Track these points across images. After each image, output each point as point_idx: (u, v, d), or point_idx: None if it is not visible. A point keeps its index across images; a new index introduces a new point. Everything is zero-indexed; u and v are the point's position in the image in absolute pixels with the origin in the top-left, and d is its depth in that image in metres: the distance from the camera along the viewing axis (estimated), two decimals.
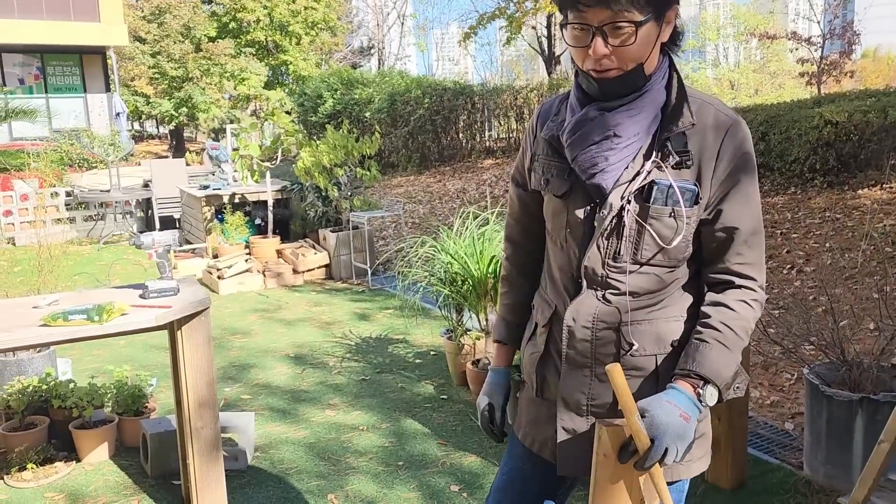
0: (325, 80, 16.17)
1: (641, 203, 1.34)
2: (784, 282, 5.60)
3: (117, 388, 3.49)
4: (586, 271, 1.40)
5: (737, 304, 1.37)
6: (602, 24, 1.25)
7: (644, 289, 1.39)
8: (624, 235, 1.35)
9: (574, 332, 1.42)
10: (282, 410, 3.93)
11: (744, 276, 1.38)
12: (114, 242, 9.60)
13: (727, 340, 1.34)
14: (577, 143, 1.36)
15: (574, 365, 1.44)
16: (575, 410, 1.45)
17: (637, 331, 1.40)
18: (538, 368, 1.52)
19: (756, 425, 3.52)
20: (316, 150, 7.19)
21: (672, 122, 1.34)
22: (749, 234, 1.37)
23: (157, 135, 28.14)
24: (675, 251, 1.37)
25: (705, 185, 1.34)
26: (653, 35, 1.29)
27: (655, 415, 1.27)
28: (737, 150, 1.34)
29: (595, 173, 1.35)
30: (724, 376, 1.33)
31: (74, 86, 16.48)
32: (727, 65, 37.69)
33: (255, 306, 6.20)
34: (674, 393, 1.31)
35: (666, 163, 1.33)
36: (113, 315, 2.25)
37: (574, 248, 1.42)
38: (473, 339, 4.13)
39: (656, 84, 1.35)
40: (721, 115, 1.36)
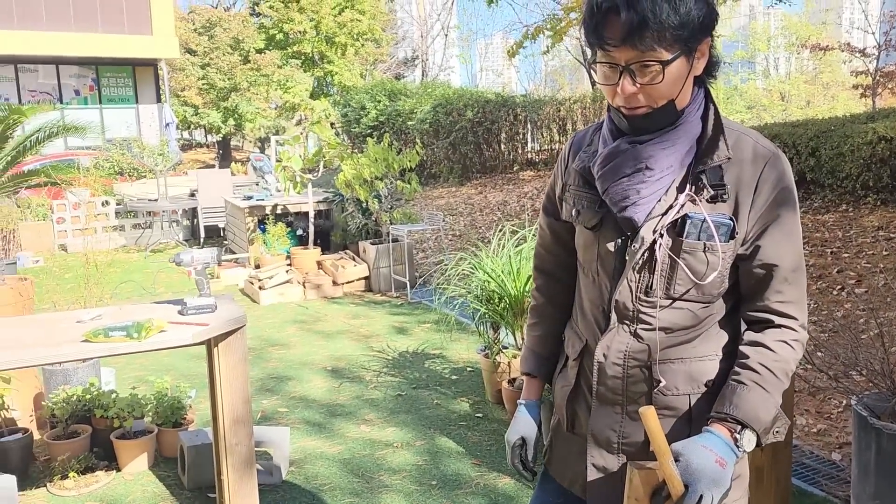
0: (369, 91, 16.32)
1: (674, 237, 1.31)
2: (833, 303, 5.43)
3: (157, 400, 3.55)
4: (617, 305, 1.37)
5: (777, 345, 1.32)
6: (629, 63, 1.22)
7: (677, 325, 1.35)
8: (656, 270, 1.32)
9: (604, 368, 1.39)
10: (317, 424, 3.95)
11: (784, 314, 1.33)
12: (160, 251, 9.82)
13: (766, 383, 1.29)
14: (608, 175, 1.34)
15: (604, 401, 1.41)
16: (605, 448, 1.41)
17: (669, 369, 1.36)
18: (569, 403, 1.49)
19: (801, 454, 3.40)
20: (357, 162, 7.25)
21: (707, 155, 1.30)
22: (789, 271, 1.32)
23: (206, 143, 28.74)
24: (709, 286, 1.33)
25: (742, 219, 1.30)
26: (683, 71, 1.25)
27: (690, 459, 1.22)
28: (776, 183, 1.30)
29: (626, 206, 1.32)
30: (762, 420, 1.28)
31: (127, 97, 16.95)
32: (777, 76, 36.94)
33: (294, 317, 6.26)
34: (710, 437, 1.26)
35: (700, 196, 1.30)
36: (151, 332, 2.28)
37: (605, 281, 1.39)
38: (510, 358, 4.09)
39: (691, 116, 1.32)
40: (759, 148, 1.32)
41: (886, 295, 5.34)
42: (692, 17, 1.20)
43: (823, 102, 27.63)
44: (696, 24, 1.21)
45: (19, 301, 3.54)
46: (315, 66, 23.58)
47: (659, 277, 1.32)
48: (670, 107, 1.27)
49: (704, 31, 1.24)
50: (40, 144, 3.72)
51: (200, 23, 21.90)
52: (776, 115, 23.39)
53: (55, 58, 15.62)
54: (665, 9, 1.17)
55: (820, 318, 5.16)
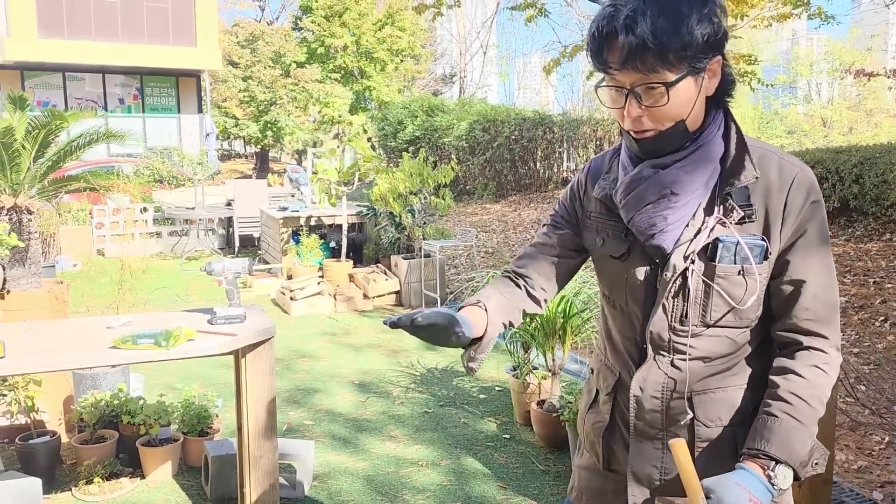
0: (407, 106, 16.42)
1: (706, 262, 1.26)
2: (875, 335, 5.25)
3: (184, 408, 3.55)
4: (651, 336, 1.31)
5: (807, 371, 1.24)
6: (634, 86, 1.19)
7: (716, 353, 1.29)
8: (690, 297, 1.27)
9: (642, 402, 1.34)
10: (343, 439, 3.92)
11: (813, 333, 1.26)
12: (195, 258, 9.93)
13: (799, 413, 1.22)
14: (631, 203, 1.29)
15: (643, 437, 1.35)
16: (647, 485, 1.36)
17: (710, 399, 1.30)
18: (604, 440, 1.43)
19: (840, 492, 3.27)
20: (392, 176, 7.26)
21: (733, 176, 1.26)
22: (818, 287, 1.25)
23: (244, 154, 29.17)
24: (747, 311, 1.27)
25: (774, 238, 1.25)
26: (692, 91, 1.20)
27: (722, 497, 1.15)
28: (805, 199, 1.25)
29: (654, 234, 1.27)
30: (797, 454, 1.20)
31: (169, 106, 17.30)
32: (819, 101, 36.33)
33: (324, 329, 6.26)
34: (743, 474, 1.18)
35: (729, 218, 1.25)
36: (179, 341, 2.28)
37: (636, 311, 1.34)
38: (539, 379, 4.02)
39: (711, 136, 1.27)
40: (785, 164, 1.26)
41: None
42: (695, 36, 1.15)
43: (867, 129, 27.11)
44: (700, 44, 1.16)
45: (55, 304, 3.58)
46: (354, 81, 23.84)
47: (694, 305, 1.27)
48: (681, 128, 1.23)
49: (711, 50, 1.19)
50: (81, 150, 3.77)
51: (244, 36, 22.34)
52: (817, 141, 22.99)
53: (101, 67, 16.03)
54: (665, 30, 1.13)
55: (862, 350, 4.99)
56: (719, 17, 1.19)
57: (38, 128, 3.67)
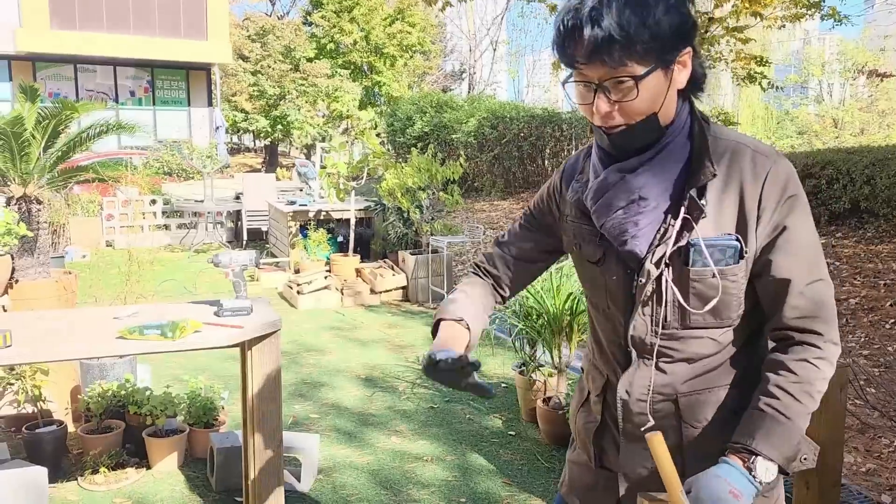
0: (416, 102, 16.40)
1: (680, 266, 1.23)
2: (885, 337, 5.21)
3: (190, 399, 3.55)
4: (634, 341, 1.30)
5: (798, 365, 1.22)
6: (602, 81, 1.16)
7: (700, 354, 1.28)
8: (666, 301, 1.25)
9: (629, 405, 1.33)
10: (348, 433, 3.92)
11: (804, 330, 1.23)
12: (203, 251, 9.95)
13: (786, 408, 1.20)
14: (602, 210, 1.27)
15: (632, 439, 1.34)
16: (637, 485, 1.35)
17: (697, 401, 1.29)
18: (595, 439, 1.43)
19: (849, 494, 3.24)
20: (401, 171, 7.25)
21: (695, 175, 1.22)
22: (803, 284, 1.22)
23: (253, 148, 29.20)
24: (726, 311, 1.25)
25: (750, 236, 1.21)
26: (662, 84, 1.18)
27: (703, 490, 1.15)
28: (781, 192, 1.21)
29: (626, 240, 1.25)
30: (780, 449, 1.19)
31: (180, 99, 17.34)
32: (831, 101, 36.08)
33: (331, 324, 6.26)
34: (724, 467, 1.18)
35: (696, 218, 1.21)
36: (186, 332, 2.27)
37: (618, 316, 1.32)
38: (546, 376, 4.01)
39: (676, 134, 1.24)
40: (759, 157, 1.22)
41: None
42: (663, 28, 1.12)
43: (879, 130, 26.90)
44: (668, 36, 1.14)
45: (63, 294, 3.58)
46: (364, 76, 23.81)
47: (671, 309, 1.26)
48: (652, 121, 1.20)
49: (681, 41, 1.17)
50: (91, 141, 3.78)
51: (254, 30, 22.31)
52: (828, 142, 22.83)
53: (112, 59, 16.07)
54: (632, 22, 1.11)
55: (872, 353, 4.96)
56: (688, 7, 1.16)
57: (49, 118, 3.68)
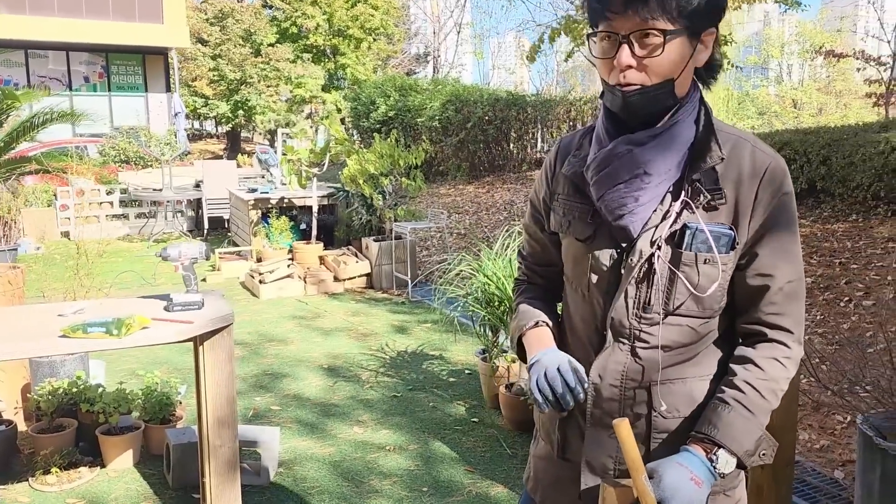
0: (379, 86, 16.24)
1: (673, 248, 1.23)
2: (840, 315, 5.32)
3: (145, 395, 3.48)
4: (612, 323, 1.28)
5: (766, 363, 1.25)
6: (630, 32, 1.16)
7: (676, 342, 1.27)
8: (654, 283, 1.24)
9: (600, 389, 1.31)
10: (310, 424, 3.88)
11: (777, 327, 1.25)
12: (164, 241, 9.77)
13: (751, 403, 1.23)
14: (604, 180, 1.26)
15: (600, 425, 1.33)
16: (601, 475, 1.33)
17: (669, 390, 1.28)
18: (560, 428, 1.40)
19: (803, 471, 3.31)
20: (362, 158, 7.17)
21: (701, 158, 1.23)
22: (785, 281, 1.24)
23: (216, 134, 28.71)
24: (709, 300, 1.25)
25: (742, 229, 1.23)
26: (686, 52, 1.18)
27: (665, 476, 1.17)
28: (776, 191, 1.23)
29: (623, 215, 1.24)
30: (742, 443, 1.22)
31: (136, 85, 16.94)
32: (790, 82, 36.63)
33: (293, 313, 6.19)
34: (686, 455, 1.21)
35: (697, 202, 1.23)
36: (132, 329, 2.21)
37: (598, 297, 1.31)
38: (508, 362, 4.01)
39: (687, 116, 1.25)
40: (758, 154, 1.24)
41: (894, 308, 5.22)
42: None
43: (836, 111, 27.42)
44: (703, 4, 1.16)
45: (9, 290, 3.48)
46: (327, 60, 23.52)
47: (657, 292, 1.25)
48: (668, 88, 1.19)
49: (710, 17, 1.19)
50: (35, 130, 3.65)
51: (213, 13, 21.87)
52: (787, 123, 23.21)
53: (65, 44, 15.62)
54: None
55: (826, 331, 5.06)
56: None
57: None
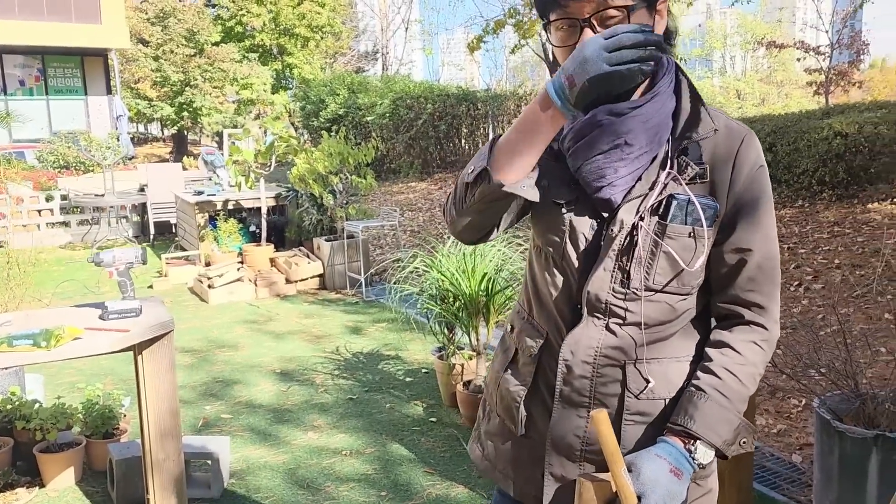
0: (328, 84, 16.03)
1: (658, 220, 1.18)
2: (791, 299, 5.39)
3: (86, 409, 3.31)
4: (588, 297, 1.21)
5: (744, 346, 1.20)
6: (591, 15, 1.10)
7: (654, 319, 1.21)
8: (635, 256, 1.18)
9: (572, 367, 1.23)
10: (262, 432, 3.75)
11: (755, 305, 1.21)
12: (108, 248, 9.44)
13: (728, 391, 1.18)
14: (581, 151, 1.19)
15: (569, 404, 1.25)
16: (566, 455, 1.26)
17: (646, 369, 1.22)
18: (524, 405, 1.31)
19: (762, 457, 3.32)
20: (311, 156, 7.02)
21: (690, 130, 1.18)
22: (763, 257, 1.20)
23: (161, 137, 28.00)
24: (690, 276, 1.20)
25: (721, 201, 1.18)
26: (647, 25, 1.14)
27: (643, 469, 1.12)
28: (753, 163, 1.19)
29: (602, 186, 1.18)
30: (720, 433, 1.17)
31: (75, 87, 16.38)
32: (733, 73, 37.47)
33: (244, 317, 6.02)
34: (664, 446, 1.16)
35: (684, 175, 1.17)
36: (63, 340, 2.07)
37: (574, 267, 1.23)
38: (465, 359, 3.94)
39: (665, 87, 1.20)
40: (733, 125, 1.21)
41: (844, 291, 5.32)
42: None
43: (777, 100, 28.15)
44: None
45: None
46: (274, 59, 23.13)
47: (637, 265, 1.18)
48: None
49: None
50: None
51: (154, 13, 21.28)
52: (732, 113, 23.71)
53: None
54: None
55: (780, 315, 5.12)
56: None
57: None
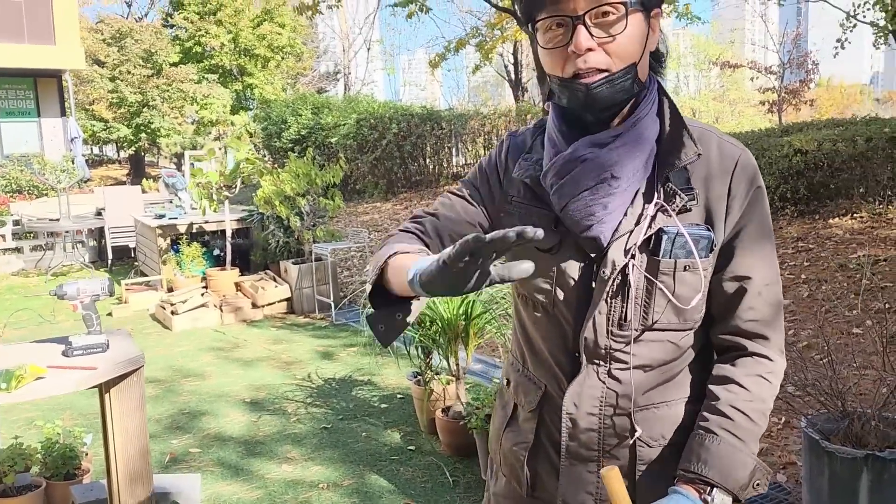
0: (290, 104, 15.88)
1: (649, 256, 1.10)
2: None
3: (46, 448, 3.12)
4: (587, 343, 1.14)
5: (750, 381, 1.12)
6: (585, 12, 1.02)
7: (658, 360, 1.14)
8: (630, 297, 1.11)
9: (577, 420, 1.16)
10: (233, 466, 3.60)
11: (758, 336, 1.13)
12: (63, 274, 9.14)
13: (740, 431, 1.10)
14: (566, 188, 1.11)
15: (577, 459, 1.18)
16: None
17: (653, 415, 1.15)
18: (528, 463, 1.24)
19: None
20: (277, 178, 6.89)
21: (672, 156, 1.11)
22: (763, 284, 1.13)
23: (117, 160, 27.42)
24: (691, 311, 1.13)
25: (718, 229, 1.11)
26: (643, 32, 1.07)
27: None
28: (749, 185, 1.12)
29: (591, 225, 1.10)
30: (736, 477, 1.08)
31: (27, 110, 15.92)
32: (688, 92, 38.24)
33: (210, 344, 5.84)
34: (678, 499, 1.07)
35: (671, 205, 1.10)
36: (24, 381, 1.93)
37: (566, 314, 1.15)
38: (444, 384, 3.85)
39: (648, 109, 1.12)
40: (726, 146, 1.13)
41: (812, 306, 5.38)
42: None
43: (731, 118, 28.75)
44: None
45: None
46: (234, 80, 22.88)
47: (633, 305, 1.11)
48: (632, 73, 1.07)
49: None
50: None
51: (110, 33, 20.92)
52: None
53: None
54: None
55: None
56: None
57: None
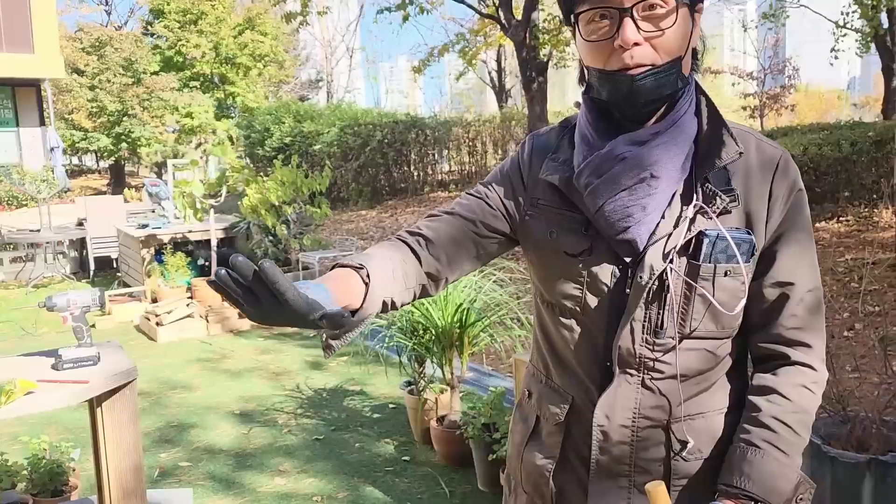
0: (273, 112, 15.81)
1: (688, 261, 1.06)
2: None
3: (32, 464, 3.04)
4: (620, 352, 1.09)
5: (793, 391, 1.08)
6: (633, 4, 0.98)
7: (693, 369, 1.09)
8: (667, 303, 1.06)
9: (608, 433, 1.11)
10: (224, 480, 3.52)
11: (800, 344, 1.09)
12: (44, 286, 8.98)
13: (783, 443, 1.05)
14: (603, 188, 1.06)
15: (607, 475, 1.13)
16: None
17: (690, 427, 1.11)
18: (554, 480, 1.19)
19: None
20: (263, 186, 6.83)
21: (712, 155, 1.06)
22: (805, 290, 1.09)
23: (97, 169, 27.13)
24: (729, 318, 1.08)
25: (759, 233, 1.07)
26: (688, 27, 1.04)
27: None
28: (791, 187, 1.08)
29: (628, 227, 1.06)
30: (780, 492, 1.04)
31: (6, 119, 15.73)
32: None
33: (197, 356, 5.74)
34: None
35: (712, 207, 1.05)
36: (13, 396, 1.86)
37: (598, 322, 1.10)
38: (437, 393, 3.80)
39: (686, 107, 1.08)
40: (766, 147, 1.10)
41: None
42: None
43: None
44: None
45: None
46: (216, 88, 22.74)
47: (671, 312, 1.06)
48: (677, 68, 1.03)
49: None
50: None
51: (89, 42, 20.71)
52: None
53: None
54: None
55: None
56: None
57: None
